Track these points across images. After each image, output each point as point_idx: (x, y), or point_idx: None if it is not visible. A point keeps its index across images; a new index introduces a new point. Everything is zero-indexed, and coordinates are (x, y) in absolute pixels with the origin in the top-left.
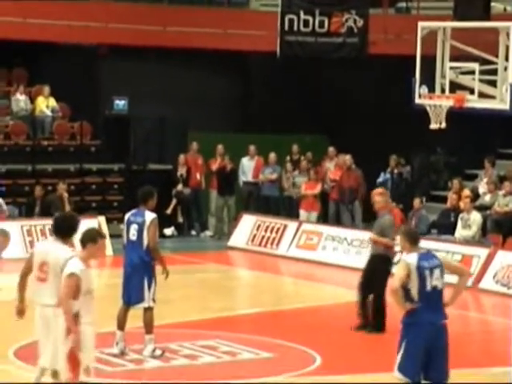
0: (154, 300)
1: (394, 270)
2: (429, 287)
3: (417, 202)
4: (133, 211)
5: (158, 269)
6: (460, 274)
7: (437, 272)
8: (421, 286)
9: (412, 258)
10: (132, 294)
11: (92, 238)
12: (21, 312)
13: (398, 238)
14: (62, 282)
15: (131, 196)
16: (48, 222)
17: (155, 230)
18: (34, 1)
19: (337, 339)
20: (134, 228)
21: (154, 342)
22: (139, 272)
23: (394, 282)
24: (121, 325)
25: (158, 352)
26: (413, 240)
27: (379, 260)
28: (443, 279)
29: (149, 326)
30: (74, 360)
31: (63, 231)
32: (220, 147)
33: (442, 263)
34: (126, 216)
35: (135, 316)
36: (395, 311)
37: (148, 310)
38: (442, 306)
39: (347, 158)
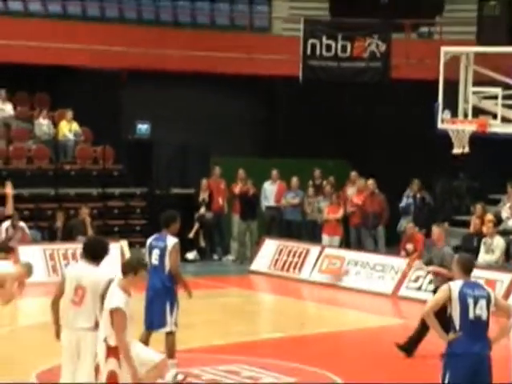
0: (176, 324)
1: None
2: (471, 316)
3: (436, 231)
4: (155, 236)
5: (181, 293)
6: (508, 315)
7: (482, 302)
8: (463, 313)
9: (456, 284)
10: (154, 319)
11: (134, 268)
12: (59, 334)
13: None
14: (101, 304)
15: (154, 220)
16: (71, 246)
17: (177, 255)
18: (56, 25)
19: (359, 365)
20: (155, 253)
21: (177, 367)
22: (161, 296)
23: (427, 305)
24: None
25: (180, 377)
26: (465, 269)
27: None
28: (489, 311)
29: (171, 351)
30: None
31: (97, 254)
32: (241, 172)
33: (491, 296)
34: (148, 240)
35: (158, 340)
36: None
37: (170, 335)
38: (485, 337)
39: (370, 183)
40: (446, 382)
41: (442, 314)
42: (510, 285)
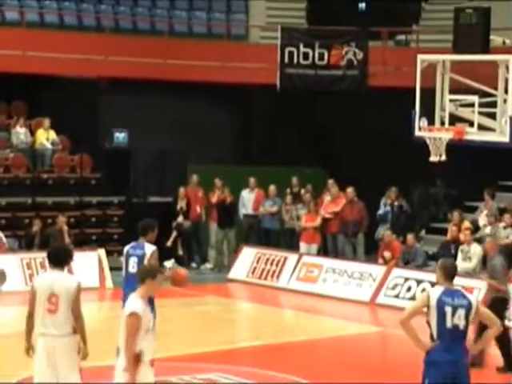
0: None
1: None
2: (449, 325)
3: (410, 237)
4: (132, 244)
5: (158, 301)
6: (490, 325)
7: (461, 312)
8: (440, 322)
9: (435, 292)
10: None
11: (151, 273)
12: (29, 351)
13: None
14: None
15: (131, 229)
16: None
17: (156, 263)
18: (34, 33)
19: (337, 373)
20: (133, 260)
21: (154, 376)
22: None
23: (404, 312)
24: None
25: None
26: (447, 274)
27: (495, 302)
28: (468, 321)
29: None
30: None
31: (61, 260)
32: (217, 180)
33: (472, 306)
34: (125, 248)
35: None
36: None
37: None
38: (463, 345)
39: (350, 191)
40: None
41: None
42: (487, 292)
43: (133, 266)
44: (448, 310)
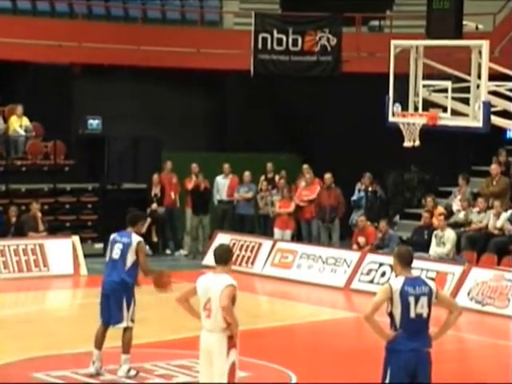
0: (132, 320)
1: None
2: (412, 315)
3: (383, 224)
4: (119, 232)
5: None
6: (450, 310)
7: (423, 300)
8: (404, 312)
9: (396, 283)
10: (111, 314)
11: (230, 255)
12: None
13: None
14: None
15: (105, 215)
16: (22, 242)
17: (144, 255)
18: (6, 20)
19: (312, 358)
20: (117, 247)
21: (130, 362)
22: (118, 292)
23: (367, 307)
24: (98, 344)
25: (133, 372)
26: (404, 262)
27: None
28: (430, 308)
29: (126, 346)
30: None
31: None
32: (194, 166)
33: (433, 292)
34: (112, 236)
35: (110, 337)
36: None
37: (127, 330)
38: (426, 335)
39: (328, 177)
40: (388, 378)
41: None
42: (461, 277)
43: (116, 253)
44: (411, 299)
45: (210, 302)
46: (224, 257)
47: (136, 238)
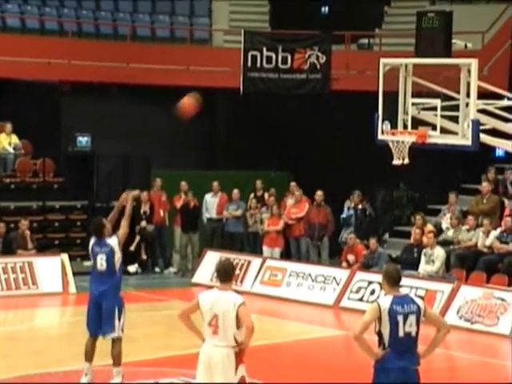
0: (122, 330)
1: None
2: (401, 333)
3: (372, 242)
4: (93, 241)
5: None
6: (439, 328)
7: (412, 318)
8: (392, 331)
9: (385, 302)
10: (102, 324)
11: (235, 270)
12: None
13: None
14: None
15: None
16: (10, 260)
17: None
18: None
19: (301, 376)
20: (101, 258)
21: (123, 376)
22: (110, 300)
23: (356, 327)
24: (89, 356)
25: None
26: (391, 281)
27: None
28: (419, 326)
29: (117, 358)
30: None
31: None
32: (183, 184)
33: (421, 310)
34: (90, 244)
35: (100, 353)
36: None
37: (117, 341)
38: (414, 353)
39: (319, 194)
40: None
41: None
42: (450, 295)
43: (101, 264)
44: (400, 318)
45: (217, 319)
46: (229, 274)
47: (112, 241)
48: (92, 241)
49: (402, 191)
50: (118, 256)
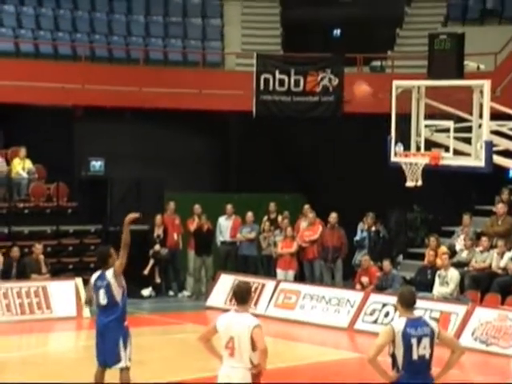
0: (130, 359)
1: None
2: (415, 356)
3: (386, 264)
4: (97, 274)
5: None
6: (453, 350)
7: (425, 341)
8: (406, 354)
9: (398, 325)
10: (108, 355)
11: (251, 292)
12: None
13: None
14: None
15: None
16: (25, 285)
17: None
18: (10, 62)
19: None
20: (102, 292)
21: None
22: (114, 332)
23: (370, 350)
24: None
25: None
26: (406, 303)
27: None
28: (432, 348)
29: None
30: None
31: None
32: (197, 207)
33: (435, 332)
34: (92, 279)
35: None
36: None
37: (125, 370)
38: (428, 375)
39: (333, 217)
40: None
41: None
42: (465, 317)
43: (103, 298)
44: (414, 341)
45: (233, 341)
46: (246, 296)
47: (109, 275)
48: (95, 276)
49: (415, 213)
50: (116, 288)
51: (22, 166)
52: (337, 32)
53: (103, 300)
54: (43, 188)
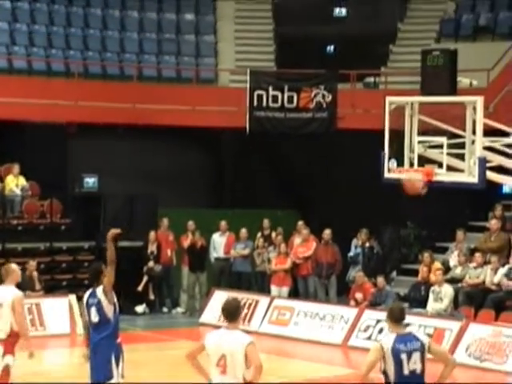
0: (122, 376)
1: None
2: (406, 371)
3: (380, 280)
4: (89, 292)
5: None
6: (445, 363)
7: (416, 356)
8: (397, 369)
9: (388, 341)
10: (100, 372)
11: (241, 309)
12: None
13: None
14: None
15: None
16: None
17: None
18: (3, 79)
19: None
20: (94, 310)
21: None
22: (105, 349)
23: (362, 367)
24: None
25: None
26: (395, 319)
27: None
28: (424, 362)
29: None
30: None
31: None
32: (191, 223)
33: (425, 347)
34: (85, 298)
35: None
36: None
37: None
38: None
39: (327, 233)
40: None
41: None
42: (459, 333)
43: (95, 316)
44: (403, 357)
45: (225, 359)
46: (235, 313)
47: (99, 292)
48: (87, 294)
49: (409, 229)
50: (107, 305)
51: (15, 183)
52: (330, 48)
53: (95, 318)
54: (37, 205)
